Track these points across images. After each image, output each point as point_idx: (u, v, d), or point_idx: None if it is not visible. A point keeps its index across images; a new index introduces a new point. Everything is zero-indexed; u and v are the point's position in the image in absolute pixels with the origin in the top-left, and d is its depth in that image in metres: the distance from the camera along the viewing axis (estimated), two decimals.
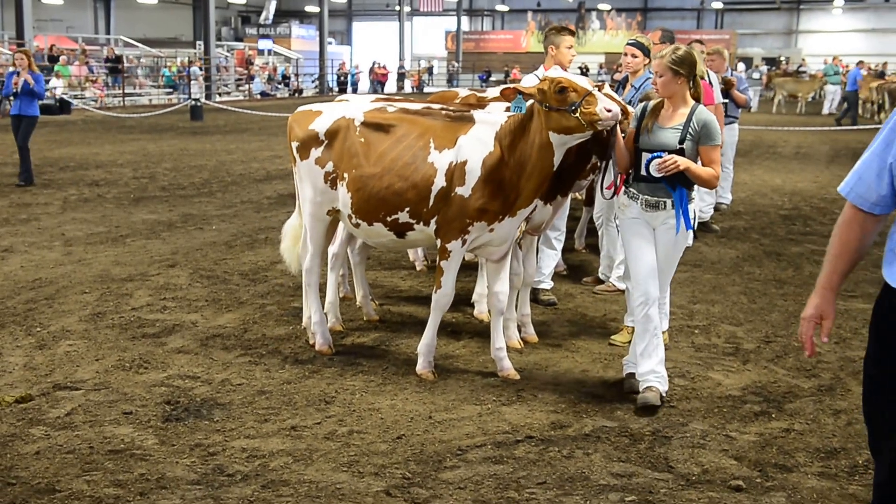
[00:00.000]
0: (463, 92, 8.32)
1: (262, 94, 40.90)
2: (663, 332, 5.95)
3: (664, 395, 4.94)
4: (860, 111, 28.68)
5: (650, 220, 4.90)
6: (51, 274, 7.68)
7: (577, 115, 4.76)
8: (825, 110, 31.13)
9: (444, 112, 5.47)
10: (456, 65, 51.45)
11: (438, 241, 5.26)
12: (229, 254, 8.64)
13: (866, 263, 8.40)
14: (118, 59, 34.83)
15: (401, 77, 48.46)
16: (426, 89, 46.23)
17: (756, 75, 39.76)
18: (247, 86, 40.81)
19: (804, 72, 37.90)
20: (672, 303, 6.70)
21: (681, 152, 4.75)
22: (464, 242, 5.17)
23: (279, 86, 43.68)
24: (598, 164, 5.55)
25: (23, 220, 10.17)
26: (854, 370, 5.60)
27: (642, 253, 4.92)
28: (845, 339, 6.21)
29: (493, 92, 8.57)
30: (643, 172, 4.83)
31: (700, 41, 9.91)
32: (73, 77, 31.28)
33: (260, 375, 5.38)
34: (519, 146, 5.01)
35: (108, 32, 44.53)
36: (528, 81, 6.83)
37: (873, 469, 4.17)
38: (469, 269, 7.78)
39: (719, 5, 51.63)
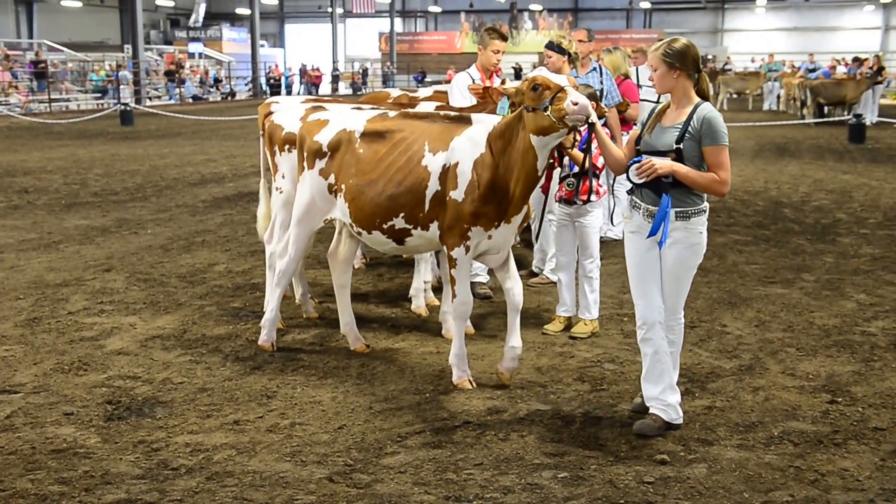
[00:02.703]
0: (395, 92, 8.46)
1: (195, 97, 40.48)
2: (592, 322, 6.21)
3: (671, 423, 4.58)
4: (784, 108, 29.58)
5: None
6: None
7: (549, 112, 4.60)
8: (765, 106, 32.03)
9: (443, 115, 5.40)
10: (391, 66, 51.51)
11: (444, 249, 5.16)
12: (166, 257, 8.65)
13: (785, 252, 8.84)
14: (43, 63, 34.10)
15: (335, 79, 48.34)
16: (361, 91, 46.19)
17: None
18: (178, 90, 40.32)
19: (729, 69, 38.84)
20: (603, 293, 6.97)
21: (678, 153, 4.33)
22: (467, 250, 5.03)
23: (211, 89, 43.26)
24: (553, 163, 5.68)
25: None
26: (772, 350, 5.90)
27: (638, 272, 4.54)
28: (764, 322, 6.52)
29: (425, 92, 8.76)
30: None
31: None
32: None
33: (201, 374, 5.46)
34: (507, 149, 4.88)
35: (30, 37, 43.53)
36: (460, 80, 7.05)
37: (788, 441, 4.48)
38: (407, 265, 7.95)
39: (647, 5, 52.64)
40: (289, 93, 44.60)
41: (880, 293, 7.31)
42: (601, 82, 7.75)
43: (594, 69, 7.85)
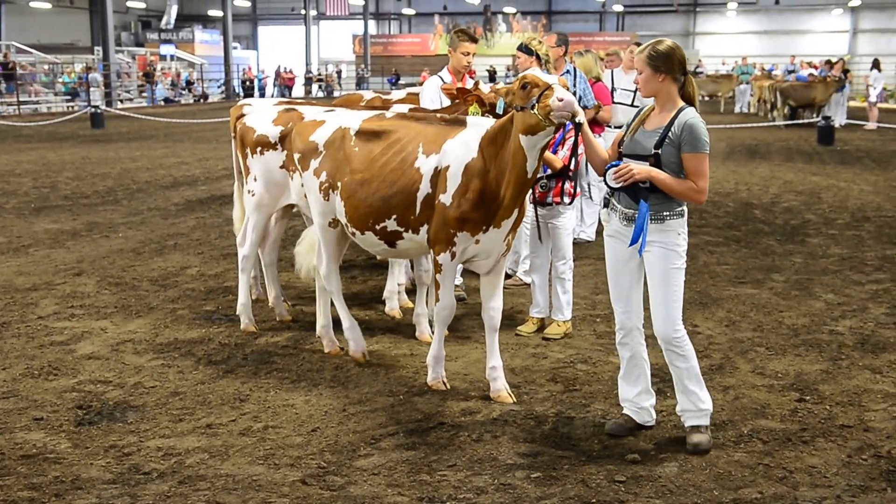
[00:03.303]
0: (368, 95, 8.47)
1: (166, 100, 40.21)
2: (565, 323, 6.25)
3: (644, 425, 4.61)
4: (756, 110, 29.87)
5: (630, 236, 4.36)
6: None
7: (535, 110, 4.51)
8: (738, 108, 32.31)
9: (440, 117, 5.32)
10: (364, 68, 51.45)
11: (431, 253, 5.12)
12: (137, 260, 8.60)
13: (755, 252, 8.94)
14: (11, 65, 33.74)
15: (308, 81, 48.20)
16: (335, 93, 46.10)
17: None
18: (150, 92, 40.04)
19: (701, 72, 39.22)
20: (576, 294, 7.03)
21: (656, 158, 4.26)
22: (453, 256, 4.97)
23: (183, 91, 42.99)
24: None
25: None
26: (742, 350, 5.97)
27: (615, 275, 4.53)
28: (735, 322, 6.59)
29: (398, 94, 8.77)
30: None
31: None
32: None
33: (173, 377, 5.43)
34: (499, 152, 4.79)
35: None
36: (432, 84, 7.07)
37: (758, 439, 4.53)
38: (380, 268, 7.96)
39: (620, 8, 52.94)
40: (262, 95, 44.42)
41: (848, 293, 7.41)
42: (574, 85, 7.80)
43: (567, 72, 7.89)
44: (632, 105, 10.11)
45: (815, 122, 21.81)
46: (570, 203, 6.27)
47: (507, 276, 7.77)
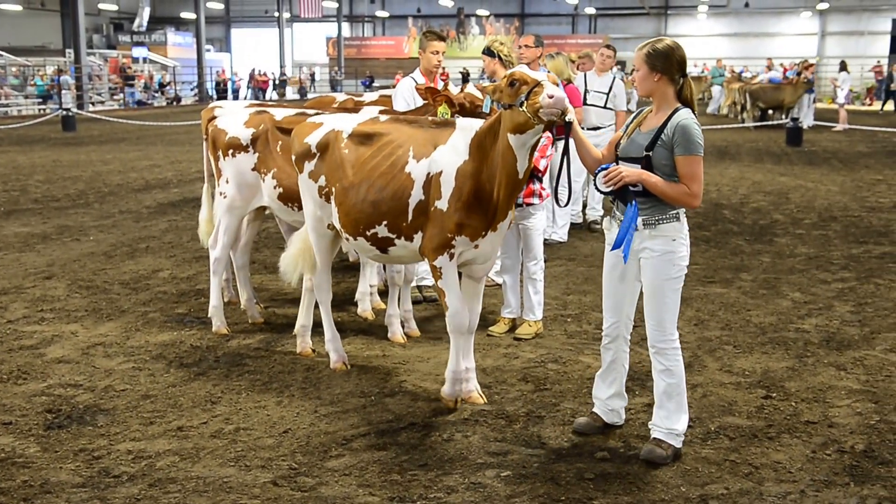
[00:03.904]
0: (340, 97, 8.47)
1: (139, 102, 39.91)
2: (536, 323, 6.29)
3: (612, 425, 4.62)
4: (726, 112, 30.12)
5: (631, 244, 4.21)
6: None
7: (524, 108, 4.37)
8: (710, 109, 32.56)
9: (430, 120, 5.23)
10: (338, 71, 51.35)
11: (426, 260, 4.99)
12: (108, 264, 8.54)
13: (724, 252, 9.03)
14: None
15: (282, 84, 48.03)
16: (309, 96, 45.98)
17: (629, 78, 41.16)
18: (122, 95, 39.73)
19: None
20: (547, 294, 7.05)
21: (647, 160, 4.14)
22: (451, 257, 4.80)
23: (156, 94, 42.69)
24: None
25: None
26: (710, 348, 6.03)
27: (610, 285, 4.41)
28: (703, 321, 6.65)
29: (371, 96, 8.78)
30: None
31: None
32: None
33: (144, 380, 5.41)
34: (490, 153, 4.65)
35: None
36: (404, 86, 7.08)
37: (724, 435, 4.58)
38: (353, 269, 7.96)
39: (592, 11, 53.21)
40: (235, 98, 44.22)
41: (814, 291, 7.51)
42: None
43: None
44: (604, 107, 10.18)
45: (783, 124, 22.04)
46: (540, 204, 6.31)
47: None
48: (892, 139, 21.97)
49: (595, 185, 4.29)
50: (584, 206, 10.51)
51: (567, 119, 4.30)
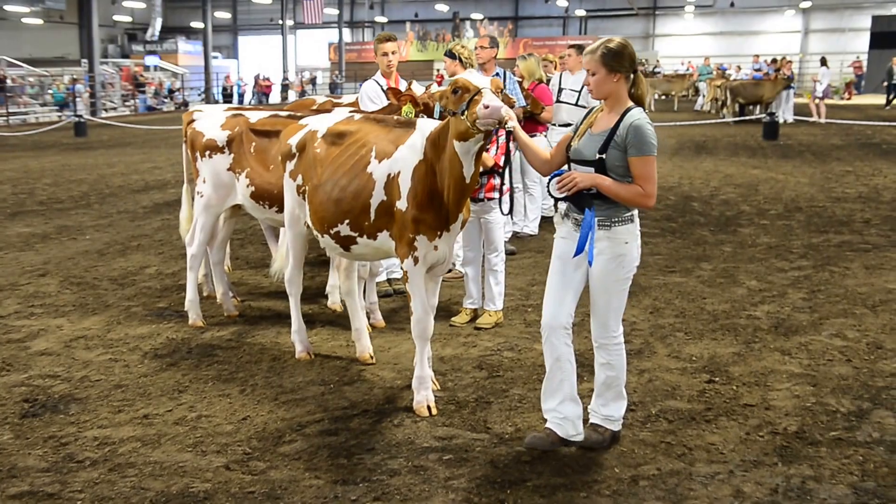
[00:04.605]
0: (320, 99, 8.46)
1: (149, 108, 39.93)
2: (496, 313, 6.28)
3: (569, 439, 4.18)
4: (710, 109, 30.01)
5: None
6: None
7: (465, 116, 4.23)
8: (697, 106, 32.43)
9: (396, 119, 5.12)
10: (339, 75, 51.26)
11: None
12: (101, 261, 8.56)
13: (688, 243, 9.00)
14: (1, 78, 33.44)
15: (284, 88, 48.00)
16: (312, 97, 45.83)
17: None
18: (133, 101, 39.76)
19: (658, 72, 39.42)
20: (512, 285, 7.07)
21: (600, 163, 3.93)
22: (416, 261, 4.65)
23: (165, 100, 42.72)
24: None
25: None
26: (662, 335, 6.02)
27: (552, 275, 4.17)
28: (659, 309, 6.64)
29: (349, 98, 8.76)
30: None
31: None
32: None
33: (119, 371, 5.42)
34: (440, 155, 4.52)
35: None
36: (368, 88, 7.07)
37: (664, 418, 4.57)
38: (324, 264, 7.95)
39: (582, 13, 53.01)
40: (241, 101, 44.23)
41: (770, 279, 7.49)
42: (504, 87, 7.80)
43: (497, 74, 7.91)
44: (576, 105, 10.16)
45: (761, 119, 21.95)
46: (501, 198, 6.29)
47: (448, 270, 7.79)
48: (866, 132, 21.89)
49: (548, 190, 4.06)
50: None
51: (507, 127, 4.14)
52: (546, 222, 10.01)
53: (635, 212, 4.06)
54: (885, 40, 42.79)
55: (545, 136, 9.70)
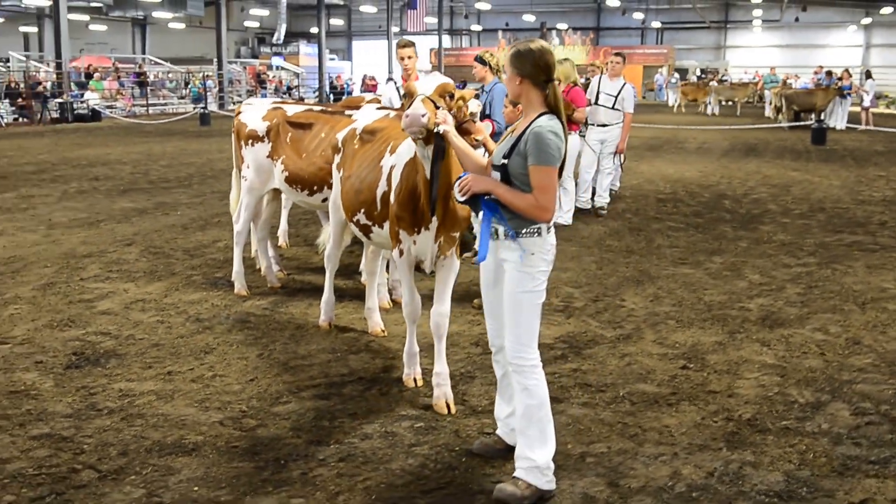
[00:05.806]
0: (369, 96, 8.37)
1: None
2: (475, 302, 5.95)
3: (514, 447, 3.53)
4: (772, 115, 28.63)
5: (496, 252, 3.50)
6: (26, 252, 7.76)
7: None
8: (767, 112, 31.02)
9: None
10: None
11: None
12: (182, 234, 8.72)
13: (707, 237, 8.55)
14: (144, 74, 34.76)
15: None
16: None
17: (673, 82, 39.59)
18: (256, 96, 40.71)
19: (726, 80, 37.92)
20: None
21: (503, 169, 3.39)
22: (401, 253, 4.40)
23: (284, 95, 43.58)
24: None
25: (22, 209, 10.23)
26: (654, 322, 5.72)
27: (486, 291, 3.64)
28: (659, 298, 6.32)
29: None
30: None
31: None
32: (105, 91, 31.29)
33: (161, 332, 5.48)
34: (416, 155, 4.21)
35: (143, 53, 44.33)
36: (388, 89, 6.98)
37: (629, 400, 4.32)
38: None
39: (658, 25, 51.39)
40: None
41: (774, 274, 7.04)
42: (487, 93, 7.10)
43: (486, 88, 7.46)
44: (612, 108, 9.81)
45: (811, 125, 20.82)
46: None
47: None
48: None
49: (454, 194, 3.53)
50: (594, 192, 10.14)
51: (436, 130, 3.71)
52: (582, 214, 9.73)
53: (544, 226, 3.39)
54: None
55: (580, 134, 9.42)
